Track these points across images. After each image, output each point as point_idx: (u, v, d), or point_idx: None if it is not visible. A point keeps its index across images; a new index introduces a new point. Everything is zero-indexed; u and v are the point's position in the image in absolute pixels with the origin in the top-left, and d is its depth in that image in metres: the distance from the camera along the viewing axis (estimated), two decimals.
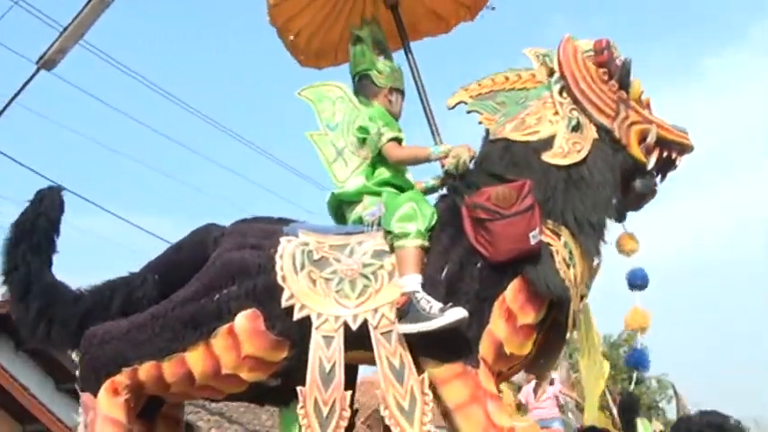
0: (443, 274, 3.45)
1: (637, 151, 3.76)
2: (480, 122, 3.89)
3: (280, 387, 3.57)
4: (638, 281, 4.21)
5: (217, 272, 3.52)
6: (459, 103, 3.95)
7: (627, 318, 4.22)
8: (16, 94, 11.27)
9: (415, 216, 3.51)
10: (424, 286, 3.37)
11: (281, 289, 3.42)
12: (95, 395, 3.45)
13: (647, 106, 3.94)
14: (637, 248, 3.97)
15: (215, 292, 3.46)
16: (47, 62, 10.95)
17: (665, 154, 3.85)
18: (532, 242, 3.38)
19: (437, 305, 3.27)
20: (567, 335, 3.62)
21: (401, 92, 4.16)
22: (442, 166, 3.96)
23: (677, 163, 3.93)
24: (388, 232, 3.53)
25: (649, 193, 3.89)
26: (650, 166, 3.83)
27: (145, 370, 3.42)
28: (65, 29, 9.55)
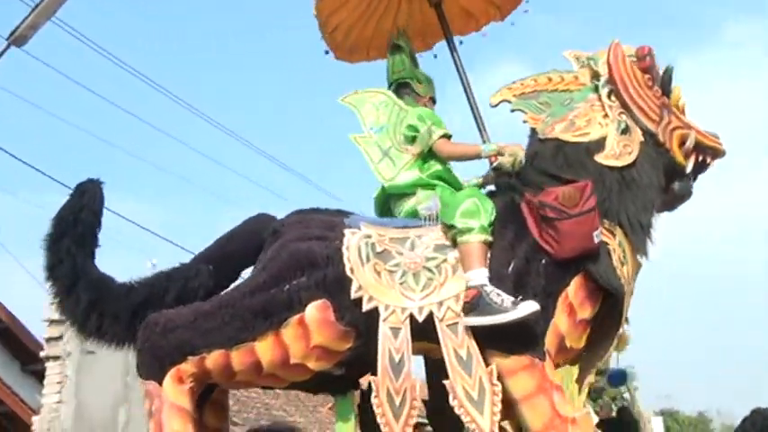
0: (510, 268, 3.51)
1: (678, 155, 3.88)
2: (525, 121, 3.96)
3: (338, 377, 3.57)
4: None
5: (284, 262, 3.50)
6: (502, 101, 3.99)
7: None
8: None
9: (477, 212, 3.56)
10: (490, 280, 3.42)
11: (350, 280, 3.43)
12: (160, 383, 3.40)
13: (683, 111, 4.02)
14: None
15: (284, 282, 3.44)
16: (18, 38, 10.58)
17: (700, 158, 3.96)
18: (595, 241, 3.46)
19: (508, 298, 3.33)
20: (620, 330, 3.67)
21: (435, 101, 4.26)
22: (491, 164, 4.00)
23: (710, 166, 4.02)
24: (450, 227, 3.56)
25: (687, 194, 3.97)
26: (689, 169, 3.92)
27: (212, 359, 3.39)
28: (36, 5, 9.27)
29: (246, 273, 3.82)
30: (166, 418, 3.31)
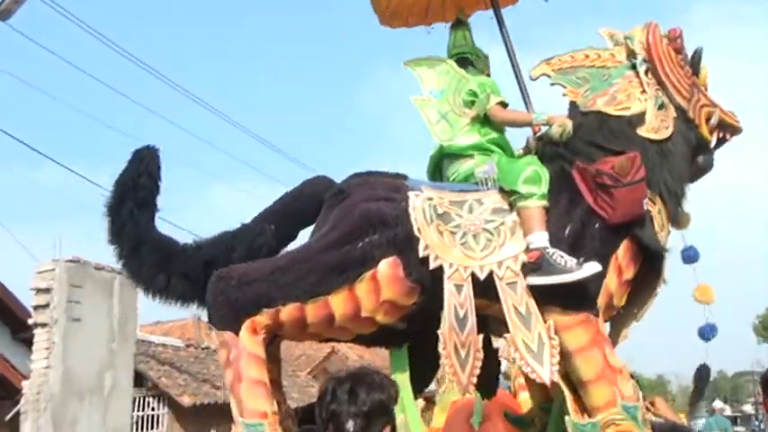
0: (566, 232, 3.65)
1: (705, 131, 4.09)
2: (564, 95, 4.12)
3: (396, 331, 3.64)
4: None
5: (356, 221, 3.55)
6: (542, 75, 4.11)
7: (696, 293, 4.26)
8: None
9: (539, 179, 3.68)
10: (549, 242, 3.55)
11: (417, 240, 3.52)
12: (236, 333, 3.42)
13: (706, 90, 4.18)
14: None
15: (357, 240, 3.50)
16: (2, 12, 10.37)
17: (721, 134, 4.14)
18: (644, 208, 3.59)
19: (571, 260, 3.47)
20: (658, 289, 3.83)
21: (489, 76, 4.37)
22: (534, 133, 4.12)
23: (727, 142, 4.21)
24: (511, 192, 3.68)
25: (709, 167, 4.15)
26: (712, 144, 4.09)
27: (287, 311, 3.43)
28: None
29: (304, 232, 3.89)
30: (245, 366, 3.34)
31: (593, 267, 3.43)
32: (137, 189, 3.70)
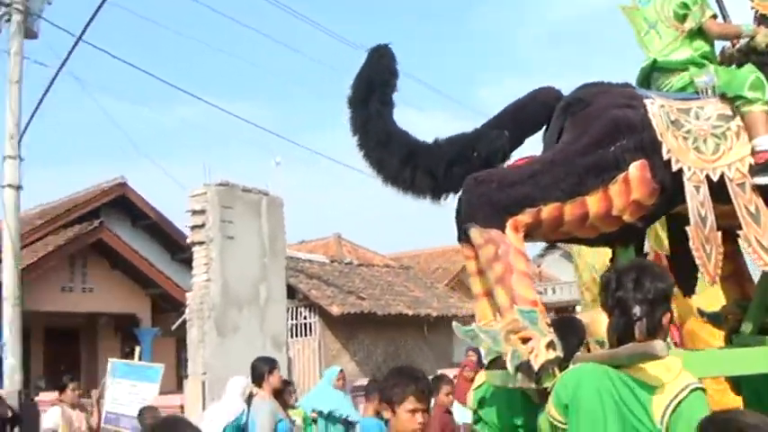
0: None
1: None
2: (753, 8, 4.16)
3: (625, 232, 3.78)
4: None
5: (606, 127, 3.63)
6: None
7: None
8: None
9: (762, 85, 3.76)
10: None
11: (660, 144, 3.61)
12: (501, 231, 3.52)
13: None
14: None
15: (609, 144, 3.59)
16: None
17: None
18: None
19: None
20: None
21: None
22: (733, 45, 4.21)
23: None
24: (737, 98, 3.76)
25: None
26: None
27: (548, 210, 3.53)
28: None
29: (530, 139, 4.02)
30: (513, 259, 3.45)
31: None
32: (381, 85, 3.78)
